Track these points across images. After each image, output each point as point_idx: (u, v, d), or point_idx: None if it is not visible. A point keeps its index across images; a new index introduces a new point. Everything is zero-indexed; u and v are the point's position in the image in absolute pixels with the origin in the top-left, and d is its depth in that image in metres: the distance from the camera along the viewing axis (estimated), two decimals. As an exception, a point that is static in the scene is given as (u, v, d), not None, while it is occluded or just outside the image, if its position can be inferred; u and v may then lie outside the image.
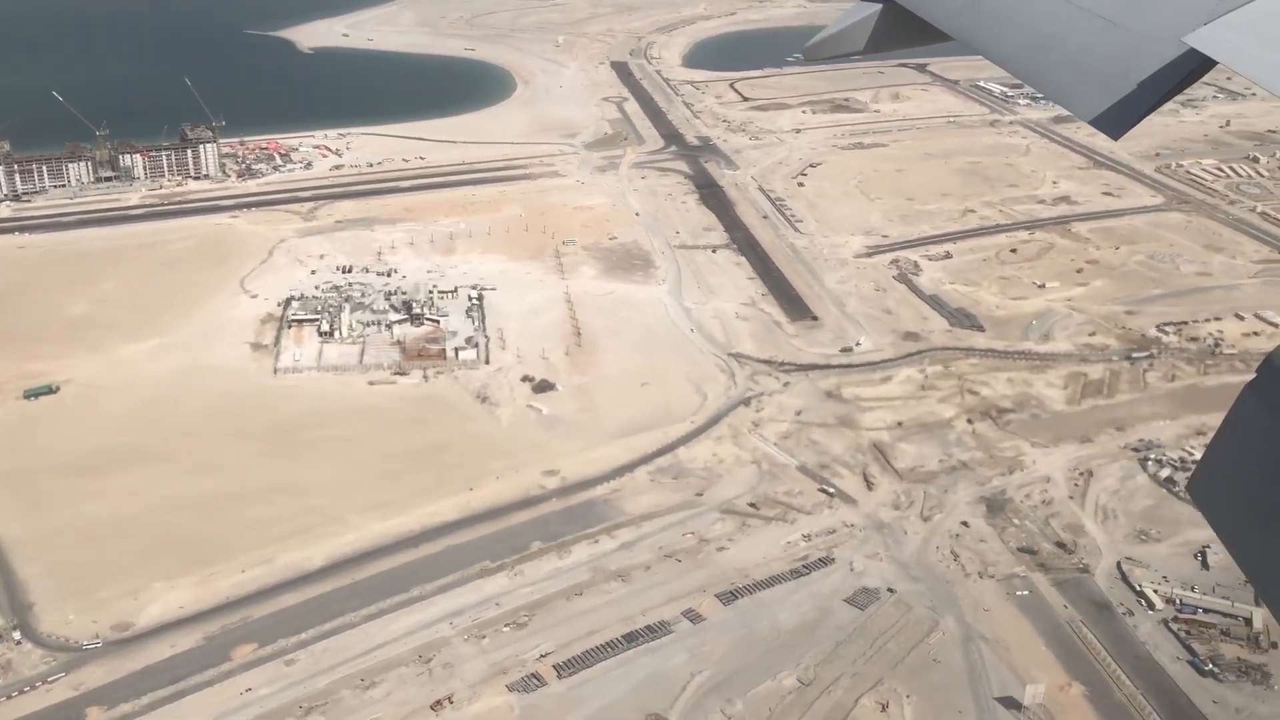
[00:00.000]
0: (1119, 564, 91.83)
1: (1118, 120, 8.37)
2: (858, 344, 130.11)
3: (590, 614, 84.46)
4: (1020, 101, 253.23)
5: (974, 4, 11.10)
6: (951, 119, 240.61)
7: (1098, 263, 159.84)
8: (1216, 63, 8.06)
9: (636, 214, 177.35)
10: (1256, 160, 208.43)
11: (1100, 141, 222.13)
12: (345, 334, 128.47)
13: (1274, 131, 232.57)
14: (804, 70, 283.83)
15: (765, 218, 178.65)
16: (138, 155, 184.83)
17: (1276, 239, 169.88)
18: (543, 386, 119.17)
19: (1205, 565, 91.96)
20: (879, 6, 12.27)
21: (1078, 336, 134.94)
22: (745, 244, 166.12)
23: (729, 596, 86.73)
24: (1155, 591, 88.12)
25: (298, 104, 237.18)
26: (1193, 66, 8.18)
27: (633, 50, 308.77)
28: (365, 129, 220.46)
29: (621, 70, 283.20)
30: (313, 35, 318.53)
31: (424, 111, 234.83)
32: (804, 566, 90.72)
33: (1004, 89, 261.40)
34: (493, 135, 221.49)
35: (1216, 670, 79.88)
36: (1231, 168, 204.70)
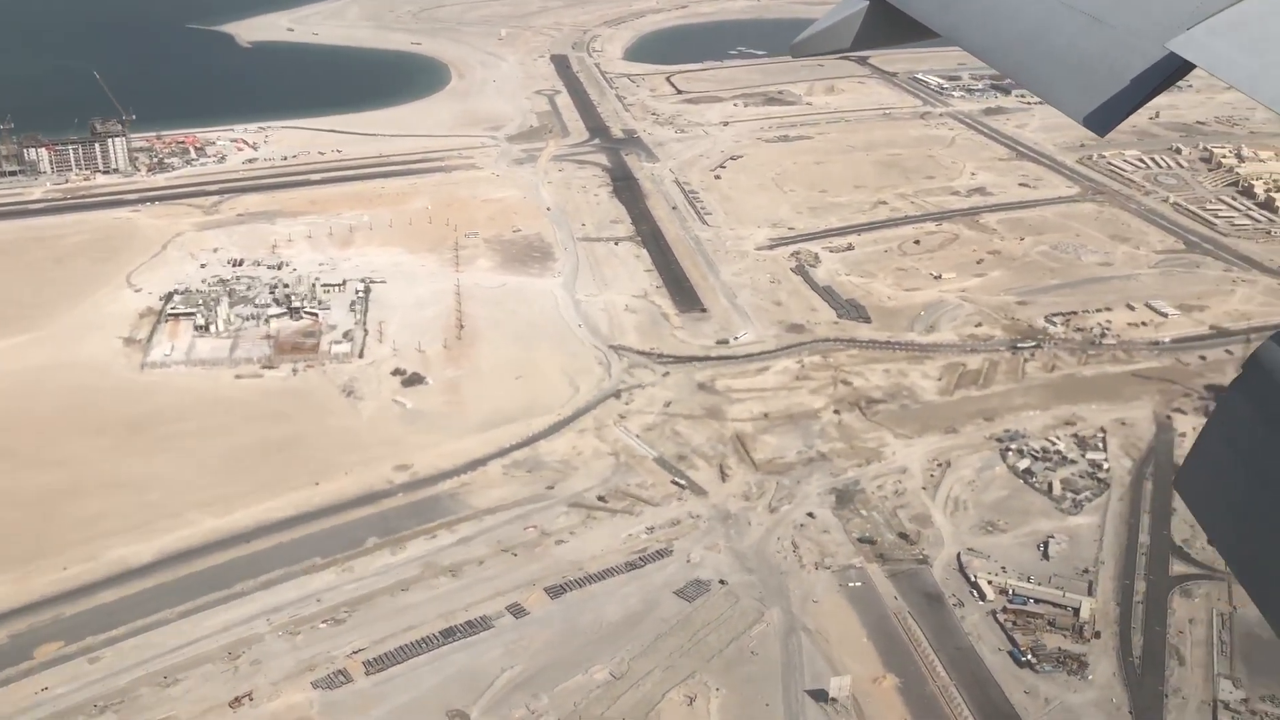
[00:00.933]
0: (959, 555, 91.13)
1: (1104, 118, 8.35)
2: (736, 337, 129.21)
3: (412, 610, 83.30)
4: (955, 94, 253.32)
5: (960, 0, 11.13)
6: (883, 111, 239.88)
7: (1000, 253, 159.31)
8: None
9: (547, 208, 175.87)
10: (1179, 151, 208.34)
11: (1027, 133, 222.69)
12: (221, 328, 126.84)
13: (1202, 124, 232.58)
14: (742, 63, 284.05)
15: (675, 209, 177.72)
16: (43, 149, 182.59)
17: (1183, 229, 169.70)
18: (413, 380, 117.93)
19: (1046, 556, 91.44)
20: (866, 3, 12.20)
21: (964, 327, 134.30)
22: (650, 236, 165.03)
23: (558, 590, 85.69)
24: (989, 582, 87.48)
25: (224, 98, 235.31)
26: (1178, 65, 8.14)
27: (575, 43, 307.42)
28: (288, 122, 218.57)
29: (560, 63, 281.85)
30: (255, 30, 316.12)
31: (352, 105, 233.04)
32: (640, 559, 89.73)
33: (940, 81, 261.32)
34: (418, 128, 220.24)
35: (1034, 661, 79.25)
36: (1153, 159, 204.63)
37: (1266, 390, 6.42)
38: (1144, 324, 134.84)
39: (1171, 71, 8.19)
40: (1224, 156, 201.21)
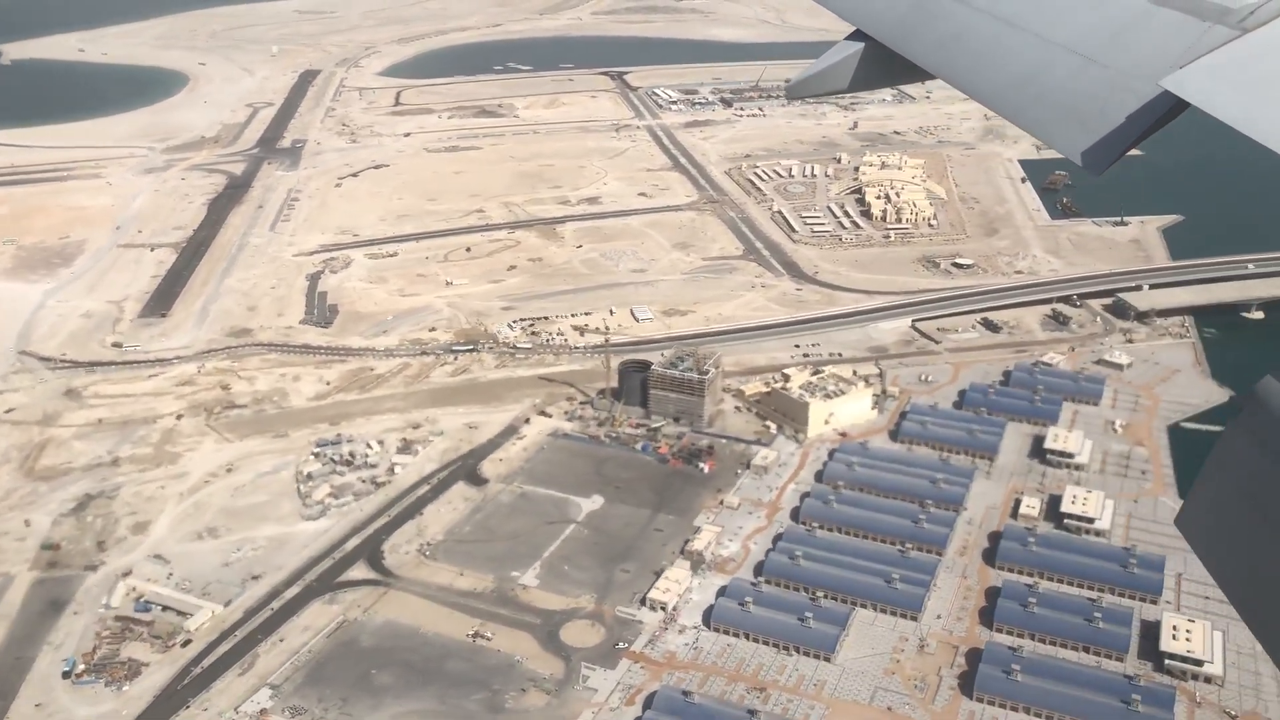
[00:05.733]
0: (133, 565, 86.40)
1: (1098, 157, 8.32)
2: (135, 346, 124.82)
3: None
4: (674, 107, 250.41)
5: (954, 41, 11.09)
6: (585, 123, 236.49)
7: (541, 260, 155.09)
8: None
9: (117, 226, 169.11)
10: (839, 161, 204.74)
11: (707, 145, 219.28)
12: None
13: (899, 133, 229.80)
14: (488, 77, 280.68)
15: (261, 208, 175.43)
16: None
17: (759, 236, 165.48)
18: None
19: (227, 564, 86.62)
20: (861, 45, 12.18)
21: (416, 332, 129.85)
22: (197, 243, 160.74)
23: None
24: (132, 589, 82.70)
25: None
26: (1172, 104, 8.12)
27: (344, 60, 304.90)
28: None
29: (305, 78, 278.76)
30: (35, 49, 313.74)
31: (45, 119, 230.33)
32: None
33: (672, 95, 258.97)
34: (83, 140, 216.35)
35: (77, 672, 74.40)
36: (807, 168, 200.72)
37: (1267, 426, 6.31)
38: (604, 329, 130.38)
39: (1165, 111, 8.15)
40: (868, 164, 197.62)
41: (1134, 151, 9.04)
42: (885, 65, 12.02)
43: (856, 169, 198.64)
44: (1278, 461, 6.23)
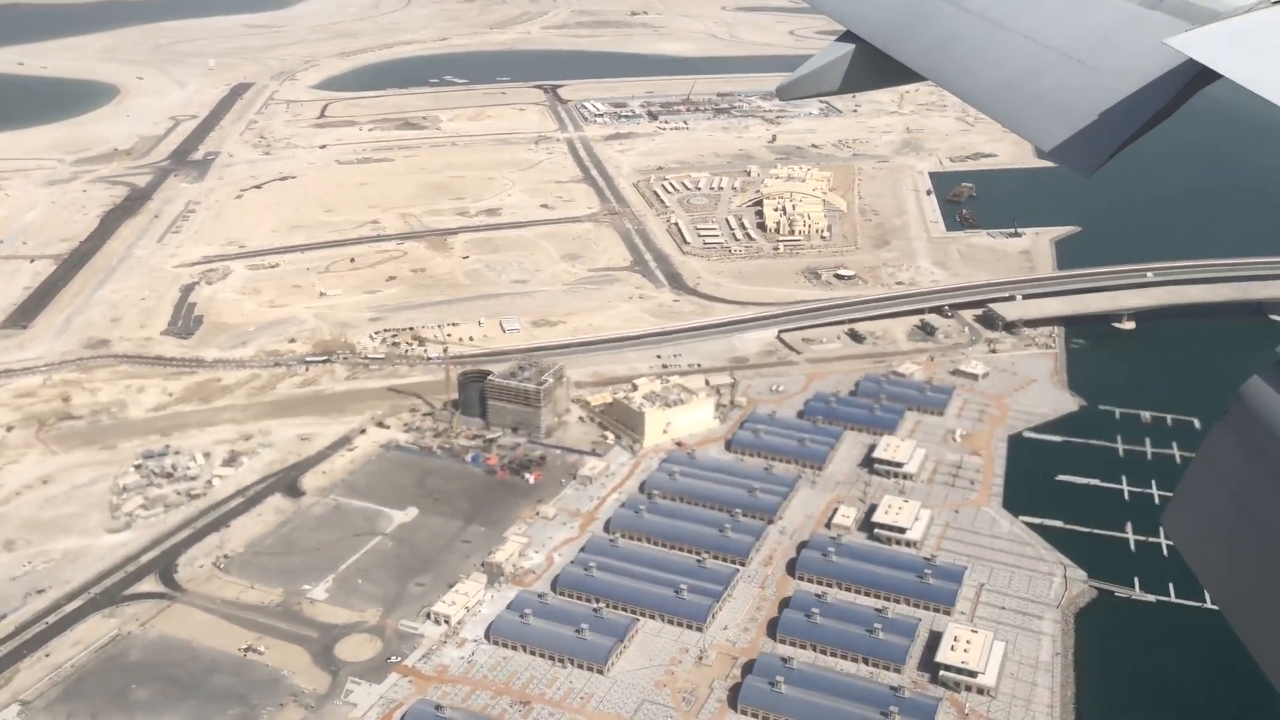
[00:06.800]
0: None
1: (1087, 157, 8.31)
2: None
3: None
4: (597, 120, 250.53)
5: (944, 44, 11.06)
6: (506, 136, 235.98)
7: (424, 271, 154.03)
8: (1186, 100, 8.21)
9: (4, 235, 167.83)
10: (748, 174, 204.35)
11: (623, 157, 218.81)
12: None
13: (817, 146, 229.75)
14: (419, 90, 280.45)
15: (156, 218, 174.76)
16: None
17: (651, 248, 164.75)
18: None
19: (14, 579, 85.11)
20: (852, 47, 12.14)
21: (274, 344, 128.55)
22: (81, 254, 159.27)
23: None
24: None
25: None
26: (1160, 106, 8.21)
27: (279, 74, 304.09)
28: None
29: (236, 91, 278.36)
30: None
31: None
32: None
33: (601, 108, 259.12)
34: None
35: None
36: (714, 182, 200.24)
37: (1253, 427, 6.28)
38: (460, 341, 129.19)
39: (1154, 113, 8.20)
40: (774, 176, 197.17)
41: (1044, 163, 8.53)
42: (875, 67, 11.93)
43: (764, 181, 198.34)
44: (1262, 462, 6.20)
